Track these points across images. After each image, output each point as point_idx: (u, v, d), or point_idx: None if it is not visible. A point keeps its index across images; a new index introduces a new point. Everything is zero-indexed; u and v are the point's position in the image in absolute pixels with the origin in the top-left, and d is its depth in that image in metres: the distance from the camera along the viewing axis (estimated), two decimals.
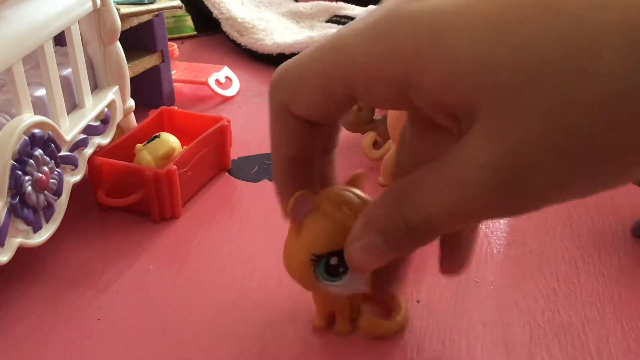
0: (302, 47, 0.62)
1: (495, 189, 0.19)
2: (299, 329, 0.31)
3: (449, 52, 0.19)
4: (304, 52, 0.24)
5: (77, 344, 0.31)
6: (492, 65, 0.18)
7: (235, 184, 0.45)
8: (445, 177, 0.21)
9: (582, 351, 0.30)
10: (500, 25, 0.18)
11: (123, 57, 0.43)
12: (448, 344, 0.30)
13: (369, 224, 0.24)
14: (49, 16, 0.35)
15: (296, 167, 0.27)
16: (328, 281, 0.28)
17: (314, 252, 0.27)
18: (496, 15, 0.18)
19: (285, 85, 0.25)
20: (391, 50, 0.21)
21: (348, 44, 0.22)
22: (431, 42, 0.19)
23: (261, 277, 0.35)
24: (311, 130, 0.26)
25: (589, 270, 0.35)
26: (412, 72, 0.20)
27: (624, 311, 0.32)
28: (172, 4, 0.51)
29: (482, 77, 0.19)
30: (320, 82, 0.23)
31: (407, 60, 0.20)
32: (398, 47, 0.20)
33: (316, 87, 0.23)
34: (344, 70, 0.22)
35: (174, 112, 0.47)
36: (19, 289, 0.34)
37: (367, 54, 0.21)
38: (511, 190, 0.19)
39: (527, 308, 0.32)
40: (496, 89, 0.18)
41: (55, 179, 0.35)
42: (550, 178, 0.19)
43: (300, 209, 0.27)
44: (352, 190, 0.28)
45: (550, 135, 0.18)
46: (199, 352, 0.30)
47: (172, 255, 0.37)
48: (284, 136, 0.26)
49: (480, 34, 0.19)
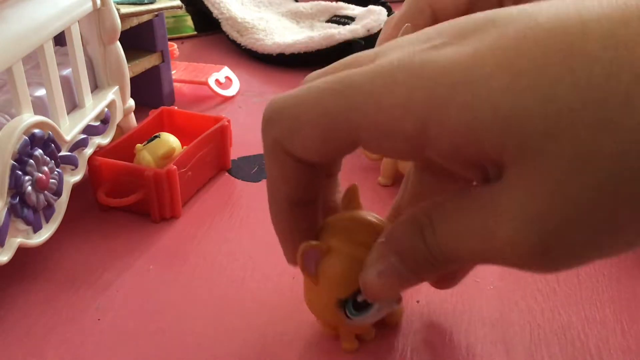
0: (302, 47, 0.62)
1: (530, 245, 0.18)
2: (299, 329, 0.31)
3: (469, 104, 0.18)
4: (300, 88, 0.22)
5: (77, 344, 0.31)
6: (514, 116, 0.17)
7: (235, 184, 0.45)
8: (475, 225, 0.20)
9: (582, 351, 0.30)
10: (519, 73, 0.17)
11: (123, 57, 0.43)
12: (448, 344, 0.30)
13: (387, 246, 0.23)
14: (49, 16, 0.35)
15: (298, 209, 0.26)
16: (360, 316, 0.27)
17: (338, 297, 0.26)
18: (514, 62, 0.18)
19: (279, 124, 0.23)
20: (406, 103, 0.19)
21: (356, 89, 0.20)
22: (448, 94, 0.18)
23: (261, 277, 0.35)
24: (311, 170, 0.24)
25: (589, 270, 0.35)
26: (429, 127, 0.19)
27: (624, 311, 0.32)
28: (172, 4, 0.51)
29: (506, 128, 0.18)
30: (319, 125, 0.22)
31: (423, 114, 0.19)
32: (413, 101, 0.19)
33: (315, 130, 0.22)
34: (350, 117, 0.21)
35: (174, 112, 0.47)
36: (19, 289, 0.34)
37: (379, 105, 0.20)
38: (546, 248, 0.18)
39: (527, 308, 0.32)
40: (522, 141, 0.17)
41: (55, 179, 0.35)
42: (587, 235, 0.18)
43: (311, 261, 0.26)
44: (358, 217, 0.27)
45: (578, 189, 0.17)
46: (199, 352, 0.30)
47: (172, 255, 0.37)
48: (280, 176, 0.25)
49: (499, 83, 0.18)
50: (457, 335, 0.31)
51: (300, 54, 0.63)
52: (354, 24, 0.65)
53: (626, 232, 0.18)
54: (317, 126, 0.22)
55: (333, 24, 0.69)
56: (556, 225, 0.18)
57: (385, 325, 0.31)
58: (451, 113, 0.18)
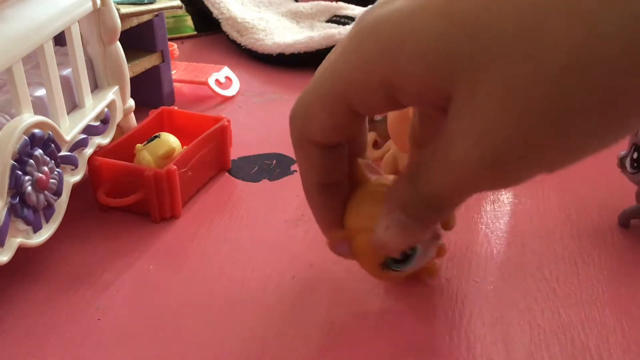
0: (302, 47, 0.62)
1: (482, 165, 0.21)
2: (299, 329, 0.31)
3: (417, 53, 0.20)
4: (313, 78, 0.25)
5: (77, 344, 0.31)
6: (452, 56, 0.20)
7: (235, 184, 0.45)
8: (439, 160, 0.22)
9: (582, 351, 0.30)
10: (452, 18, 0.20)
11: (123, 57, 0.43)
12: (448, 344, 0.30)
13: (390, 205, 0.26)
14: (49, 16, 0.35)
15: (327, 192, 0.29)
16: (406, 266, 0.30)
17: (377, 265, 0.30)
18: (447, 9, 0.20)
19: (299, 116, 0.27)
20: (366, 61, 0.22)
21: (336, 62, 0.24)
22: (397, 47, 0.21)
23: (261, 277, 0.35)
24: (332, 154, 0.27)
25: (589, 270, 0.35)
26: (390, 77, 0.22)
27: (624, 311, 0.32)
28: (172, 4, 0.51)
29: (448, 69, 0.20)
30: (323, 104, 0.25)
31: (382, 68, 0.22)
32: (371, 58, 0.22)
33: (321, 110, 0.25)
34: (338, 88, 0.24)
35: (174, 112, 0.47)
36: (19, 289, 0.34)
37: (349, 69, 0.23)
38: (495, 164, 0.20)
39: (527, 308, 0.32)
40: (462, 76, 0.20)
41: (55, 179, 0.35)
42: (523, 146, 0.20)
43: (341, 248, 0.30)
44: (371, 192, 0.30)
45: (512, 110, 0.19)
46: (199, 352, 0.30)
47: (172, 255, 0.37)
48: (308, 164, 0.28)
49: (436, 31, 0.20)
50: (457, 335, 0.31)
51: (300, 54, 0.63)
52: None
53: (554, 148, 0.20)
54: (322, 106, 0.25)
55: (333, 24, 0.69)
56: (502, 139, 0.20)
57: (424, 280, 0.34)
58: (404, 62, 0.21)
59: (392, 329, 0.31)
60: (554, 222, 0.39)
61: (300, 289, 0.34)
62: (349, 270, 0.35)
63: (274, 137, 0.49)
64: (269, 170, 0.46)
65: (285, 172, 0.45)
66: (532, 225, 0.39)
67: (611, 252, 0.36)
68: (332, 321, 0.32)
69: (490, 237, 0.38)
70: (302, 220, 0.40)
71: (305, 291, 0.34)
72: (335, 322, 0.32)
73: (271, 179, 0.45)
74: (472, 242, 0.37)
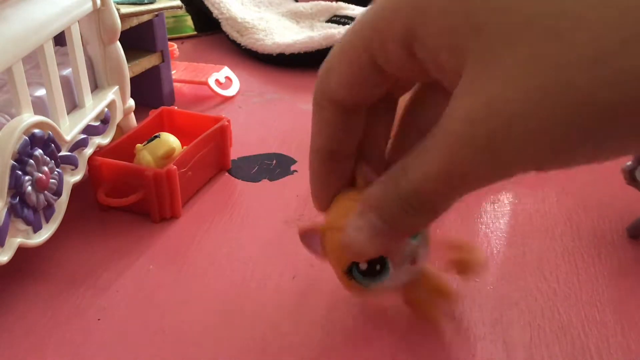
0: (302, 47, 0.62)
1: (477, 143, 0.19)
2: (299, 329, 0.31)
3: (446, 9, 0.20)
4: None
5: (77, 344, 0.31)
6: (482, 24, 0.19)
7: (235, 184, 0.45)
8: (430, 142, 0.21)
9: (582, 351, 0.30)
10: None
11: (123, 57, 0.43)
12: (448, 344, 0.30)
13: (364, 204, 0.24)
14: (49, 16, 0.35)
15: (331, 159, 0.27)
16: (373, 283, 0.27)
17: (342, 269, 0.28)
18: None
19: (322, 69, 0.25)
20: (396, 7, 0.21)
21: (365, 12, 0.23)
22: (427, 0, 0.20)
23: (261, 277, 0.35)
24: (348, 120, 0.26)
25: (589, 270, 0.35)
26: (414, 27, 0.21)
27: (624, 311, 0.32)
28: (172, 4, 0.51)
29: (474, 34, 0.19)
30: (346, 53, 0.24)
31: (409, 16, 0.21)
32: (401, 4, 0.21)
33: (344, 59, 0.24)
34: (363, 34, 0.23)
35: (174, 112, 0.47)
36: (19, 289, 0.34)
37: (377, 14, 0.22)
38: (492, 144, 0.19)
39: (527, 308, 0.32)
40: (486, 45, 0.19)
41: (55, 179, 0.35)
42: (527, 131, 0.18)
43: (312, 242, 0.28)
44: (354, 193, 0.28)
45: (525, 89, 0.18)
46: (199, 352, 0.30)
47: (172, 255, 0.37)
48: (320, 126, 0.27)
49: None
50: (457, 335, 0.31)
51: (300, 54, 0.63)
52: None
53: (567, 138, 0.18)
54: (345, 56, 0.24)
55: (333, 24, 0.69)
56: (503, 120, 0.19)
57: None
58: (432, 16, 0.20)
59: (392, 329, 0.31)
60: (554, 222, 0.39)
61: (300, 289, 0.34)
62: None
63: (274, 137, 0.49)
64: (269, 170, 0.46)
65: (285, 172, 0.45)
66: (532, 225, 0.39)
67: (611, 252, 0.36)
68: (332, 321, 0.32)
69: (490, 237, 0.38)
70: (302, 220, 0.40)
71: (305, 291, 0.34)
72: (335, 322, 0.32)
73: (271, 179, 0.45)
74: (472, 242, 0.37)
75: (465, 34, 0.19)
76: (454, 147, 0.20)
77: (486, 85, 0.19)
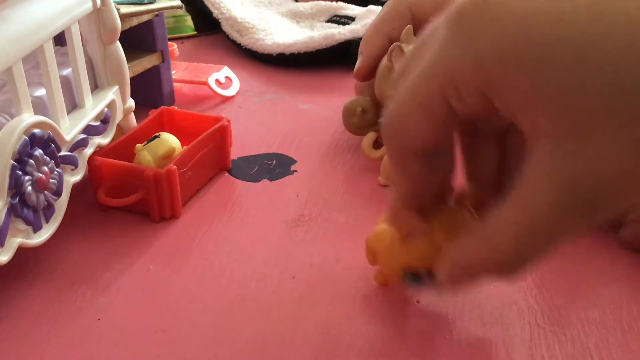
0: (302, 47, 0.62)
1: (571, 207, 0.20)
2: (299, 329, 0.31)
3: (534, 70, 0.19)
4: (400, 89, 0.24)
5: (77, 344, 0.31)
6: (576, 90, 0.19)
7: (235, 184, 0.45)
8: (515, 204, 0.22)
9: (582, 351, 0.30)
10: (585, 49, 0.18)
11: (123, 57, 0.43)
12: (448, 344, 0.30)
13: (448, 256, 0.26)
14: (49, 16, 0.35)
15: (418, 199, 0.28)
16: (413, 283, 0.30)
17: (408, 264, 0.30)
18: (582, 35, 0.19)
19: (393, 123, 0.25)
20: (476, 61, 0.21)
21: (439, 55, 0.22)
22: (517, 56, 0.20)
23: (261, 277, 0.35)
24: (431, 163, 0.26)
25: (589, 270, 0.35)
26: (496, 84, 0.21)
27: (624, 311, 0.32)
28: (172, 4, 0.51)
29: (567, 100, 0.19)
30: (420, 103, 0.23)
31: (491, 72, 0.21)
32: (483, 59, 0.20)
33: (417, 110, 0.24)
34: (437, 81, 0.22)
35: (174, 112, 0.47)
36: (19, 289, 0.34)
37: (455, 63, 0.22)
38: (584, 208, 0.20)
39: (527, 308, 0.32)
40: (581, 112, 0.19)
41: (55, 179, 0.35)
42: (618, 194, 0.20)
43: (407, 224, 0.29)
44: (461, 214, 0.29)
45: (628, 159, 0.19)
46: (199, 352, 0.30)
47: (172, 255, 0.37)
48: (407, 177, 0.27)
49: (564, 54, 0.19)
50: (457, 335, 0.31)
51: (300, 54, 0.63)
52: (354, 24, 0.65)
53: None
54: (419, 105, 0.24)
55: (333, 24, 0.69)
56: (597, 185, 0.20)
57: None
58: (518, 76, 0.20)
59: (392, 329, 0.31)
60: None
61: (300, 289, 0.34)
62: (349, 270, 0.35)
63: (274, 137, 0.49)
64: (269, 170, 0.46)
65: (285, 172, 0.45)
66: None
67: (611, 253, 0.36)
68: (332, 321, 0.32)
69: None
70: (302, 220, 0.40)
71: (305, 291, 0.34)
72: (335, 322, 0.32)
73: (271, 179, 0.45)
74: None
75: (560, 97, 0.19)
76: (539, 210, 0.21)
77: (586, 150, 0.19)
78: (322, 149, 0.48)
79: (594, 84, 0.19)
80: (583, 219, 0.21)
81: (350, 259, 0.36)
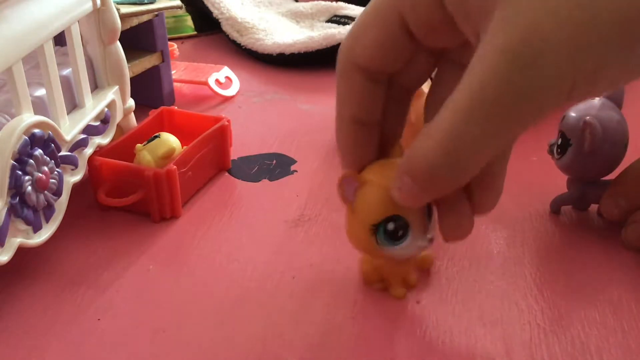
0: (302, 47, 0.62)
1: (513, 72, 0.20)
2: (299, 329, 0.31)
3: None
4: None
5: (77, 344, 0.31)
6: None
7: (235, 184, 0.45)
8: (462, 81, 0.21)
9: (582, 351, 0.30)
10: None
11: (123, 57, 0.43)
12: (448, 344, 0.30)
13: (401, 167, 0.25)
14: (49, 16, 0.35)
15: (359, 128, 0.28)
16: (391, 246, 0.29)
17: (370, 222, 0.29)
18: None
19: (349, 35, 0.26)
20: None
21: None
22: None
23: (261, 277, 0.35)
24: (374, 89, 0.27)
25: (590, 270, 0.35)
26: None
27: (624, 311, 0.32)
28: (172, 4, 0.51)
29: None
30: (375, 17, 0.25)
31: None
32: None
33: (372, 23, 0.25)
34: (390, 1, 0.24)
35: (174, 112, 0.47)
36: (19, 289, 0.34)
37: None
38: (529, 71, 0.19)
39: (527, 308, 0.32)
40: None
41: (55, 179, 0.35)
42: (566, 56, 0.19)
43: (349, 189, 0.29)
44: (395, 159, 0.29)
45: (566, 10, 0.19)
46: (199, 352, 0.30)
47: (172, 255, 0.37)
48: (347, 94, 0.27)
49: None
50: (457, 335, 0.31)
51: (300, 54, 0.63)
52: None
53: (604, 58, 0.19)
54: (374, 19, 0.25)
55: (333, 24, 0.69)
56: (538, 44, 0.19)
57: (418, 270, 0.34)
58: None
59: (392, 329, 0.31)
60: (554, 223, 0.39)
61: (300, 289, 0.34)
62: (349, 270, 0.35)
63: (274, 137, 0.49)
64: (269, 170, 0.46)
65: (285, 172, 0.45)
66: (533, 225, 0.39)
67: (612, 253, 0.36)
68: (332, 321, 0.32)
69: (490, 237, 0.38)
70: (302, 220, 0.40)
71: (305, 291, 0.34)
72: (335, 322, 0.32)
73: (271, 179, 0.45)
74: (472, 242, 0.37)
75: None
76: (488, 79, 0.20)
77: (523, 11, 0.19)
78: (322, 149, 0.48)
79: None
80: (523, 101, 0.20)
81: (351, 259, 0.36)
